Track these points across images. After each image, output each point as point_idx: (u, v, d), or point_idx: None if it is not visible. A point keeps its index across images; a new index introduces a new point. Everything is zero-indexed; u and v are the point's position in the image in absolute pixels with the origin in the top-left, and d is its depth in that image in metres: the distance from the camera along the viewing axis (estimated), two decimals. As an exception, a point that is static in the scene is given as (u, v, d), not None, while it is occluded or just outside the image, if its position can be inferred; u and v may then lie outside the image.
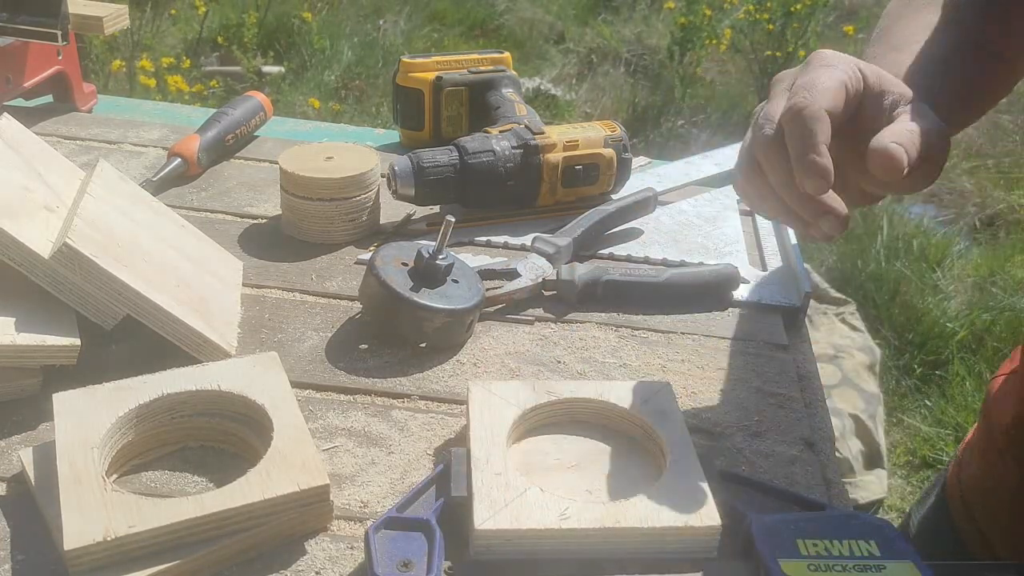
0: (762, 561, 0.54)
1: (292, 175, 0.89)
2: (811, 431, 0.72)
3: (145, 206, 0.82)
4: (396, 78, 1.10)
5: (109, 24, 1.13)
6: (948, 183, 3.76)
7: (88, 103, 1.19)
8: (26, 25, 1.04)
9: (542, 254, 0.87)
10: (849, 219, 0.57)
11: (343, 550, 0.58)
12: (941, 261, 3.06)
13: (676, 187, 1.08)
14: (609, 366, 0.77)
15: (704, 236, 0.98)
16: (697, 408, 0.73)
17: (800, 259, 0.91)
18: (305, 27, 4.30)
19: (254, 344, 0.77)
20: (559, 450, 0.64)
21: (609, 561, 0.56)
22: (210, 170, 1.05)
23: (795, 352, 0.82)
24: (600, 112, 4.06)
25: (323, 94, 3.89)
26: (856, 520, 0.57)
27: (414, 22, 4.77)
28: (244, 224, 0.95)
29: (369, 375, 0.74)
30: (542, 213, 0.98)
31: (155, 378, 0.64)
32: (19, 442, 0.64)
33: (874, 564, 0.54)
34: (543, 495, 0.57)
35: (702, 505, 0.56)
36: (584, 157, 0.97)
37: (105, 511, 0.54)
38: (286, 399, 0.63)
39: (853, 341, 2.49)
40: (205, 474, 0.63)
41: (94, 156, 1.05)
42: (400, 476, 0.64)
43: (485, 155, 0.94)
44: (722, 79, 4.53)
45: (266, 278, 0.86)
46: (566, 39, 4.86)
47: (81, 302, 0.68)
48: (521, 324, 0.82)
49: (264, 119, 1.14)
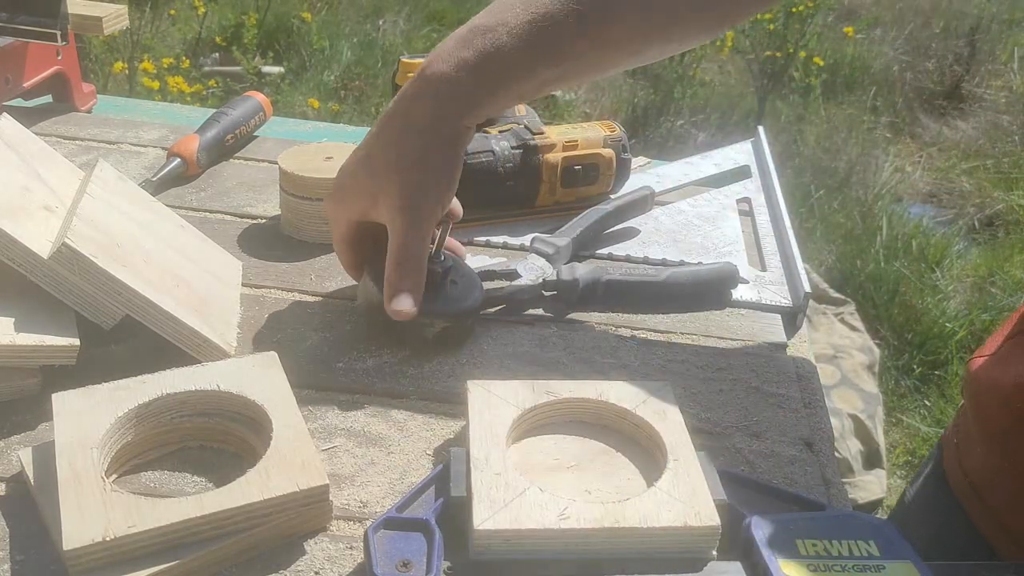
0: (761, 561, 0.54)
1: (291, 175, 0.89)
2: (810, 431, 0.72)
3: (144, 206, 0.82)
4: (395, 78, 1.10)
5: (108, 24, 1.13)
6: (947, 183, 3.76)
7: (87, 103, 1.19)
8: (25, 25, 1.04)
9: (541, 254, 0.87)
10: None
11: (342, 550, 0.58)
12: (940, 261, 3.07)
13: (675, 187, 1.08)
14: (608, 366, 0.77)
15: (703, 236, 0.98)
16: (696, 408, 0.73)
17: (799, 259, 0.91)
18: (304, 27, 4.30)
19: (253, 344, 0.77)
20: (558, 450, 0.64)
21: (609, 561, 0.56)
22: (209, 170, 1.05)
23: (794, 352, 0.82)
24: (599, 112, 4.07)
25: (322, 94, 3.90)
26: (855, 520, 0.57)
27: (413, 22, 4.78)
28: (243, 224, 0.95)
29: (368, 375, 0.74)
30: (541, 213, 0.98)
31: (154, 378, 0.64)
32: (18, 442, 0.64)
33: (873, 564, 0.54)
34: (542, 495, 0.57)
35: (701, 505, 0.56)
36: (583, 157, 0.97)
37: (104, 511, 0.54)
38: (285, 399, 0.63)
39: (852, 341, 2.50)
40: (204, 474, 0.63)
41: (93, 156, 1.05)
42: (399, 476, 0.64)
43: (484, 155, 0.94)
44: (721, 79, 4.53)
45: (265, 278, 0.86)
46: (566, 39, 4.85)
47: (80, 302, 0.68)
48: (520, 324, 0.82)
49: (263, 119, 1.14)
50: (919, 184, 3.74)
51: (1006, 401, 0.77)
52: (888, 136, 4.12)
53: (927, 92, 4.57)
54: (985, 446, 0.80)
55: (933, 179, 3.81)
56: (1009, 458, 0.78)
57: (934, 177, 3.83)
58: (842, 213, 3.33)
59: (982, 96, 4.53)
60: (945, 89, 4.58)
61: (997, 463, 0.79)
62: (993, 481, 0.80)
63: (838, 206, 3.37)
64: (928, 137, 4.19)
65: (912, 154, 4.00)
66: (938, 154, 4.02)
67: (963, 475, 0.83)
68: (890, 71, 4.68)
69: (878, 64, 4.70)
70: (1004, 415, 0.78)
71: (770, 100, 4.11)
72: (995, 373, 0.79)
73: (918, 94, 4.55)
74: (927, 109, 4.45)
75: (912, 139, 4.18)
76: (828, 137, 3.90)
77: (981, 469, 0.81)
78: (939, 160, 3.97)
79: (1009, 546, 0.78)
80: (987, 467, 0.81)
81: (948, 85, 4.59)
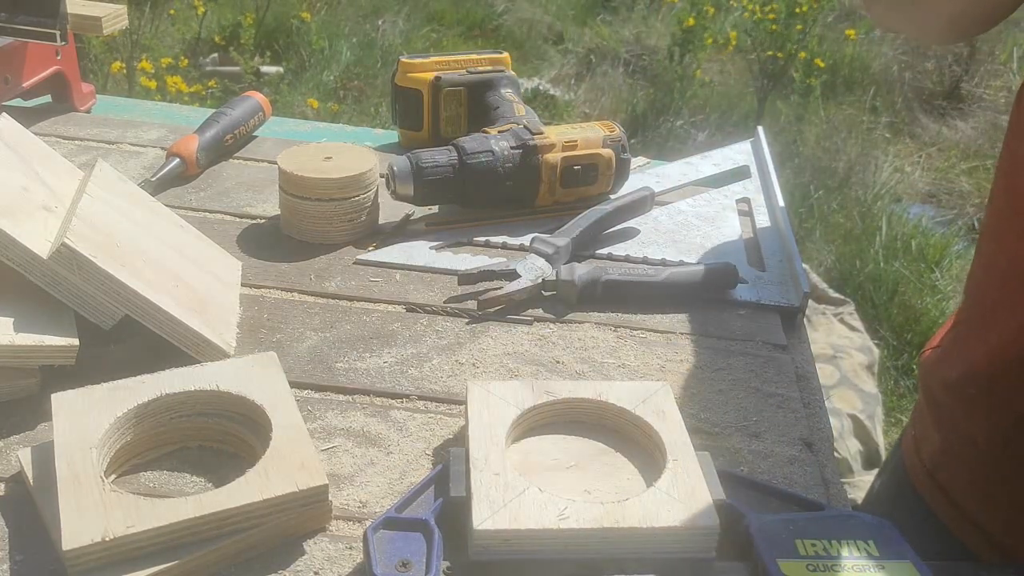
0: (761, 561, 0.54)
1: (291, 175, 0.89)
2: (810, 431, 0.72)
3: (144, 206, 0.82)
4: (395, 78, 1.10)
5: (108, 24, 1.13)
6: (947, 183, 3.76)
7: (87, 103, 1.19)
8: (25, 25, 1.04)
9: (541, 254, 0.87)
10: None
11: (342, 550, 0.58)
12: (939, 261, 3.07)
13: (675, 187, 1.08)
14: (608, 366, 0.77)
15: (703, 236, 0.98)
16: (696, 408, 0.73)
17: (799, 259, 0.91)
18: (304, 27, 4.30)
19: (253, 344, 0.77)
20: (558, 450, 0.64)
21: (608, 561, 0.55)
22: (209, 170, 1.05)
23: (793, 352, 0.82)
24: (599, 112, 4.07)
25: (322, 94, 3.89)
26: (855, 520, 0.57)
27: (413, 22, 4.77)
28: (243, 224, 0.95)
29: (368, 375, 0.74)
30: (541, 213, 0.98)
31: (153, 378, 0.64)
32: (18, 442, 0.64)
33: (873, 564, 0.54)
34: (542, 495, 0.57)
35: (701, 505, 0.56)
36: (583, 157, 0.97)
37: (104, 511, 0.54)
38: (285, 399, 0.63)
39: (851, 341, 2.50)
40: (204, 474, 0.63)
41: (93, 156, 1.05)
42: (399, 476, 0.64)
43: (484, 155, 0.94)
44: (721, 79, 4.53)
45: (265, 278, 0.86)
46: (565, 39, 4.86)
47: (80, 302, 0.68)
48: (520, 324, 0.82)
49: (263, 119, 1.14)
50: (919, 184, 3.74)
51: (953, 390, 0.79)
52: (887, 136, 4.12)
53: (926, 92, 4.57)
54: (939, 434, 0.82)
55: (932, 179, 3.81)
56: (960, 444, 0.80)
57: (933, 177, 3.83)
58: (841, 213, 3.33)
59: (981, 96, 4.53)
60: (944, 89, 4.57)
61: (950, 450, 0.81)
62: (948, 467, 0.82)
63: (837, 206, 3.37)
64: (927, 137, 4.19)
65: (911, 154, 4.00)
66: (937, 154, 4.02)
67: (921, 464, 0.85)
68: (889, 71, 4.67)
69: (877, 64, 4.70)
70: (953, 403, 0.80)
71: (770, 100, 4.11)
72: (943, 364, 0.82)
73: (917, 94, 4.54)
74: (926, 109, 4.45)
75: (911, 139, 4.18)
76: (828, 137, 3.90)
77: (937, 456, 0.83)
78: (938, 160, 3.97)
79: (966, 527, 0.80)
80: (942, 454, 0.83)
81: (947, 85, 4.59)
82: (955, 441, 0.81)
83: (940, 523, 0.82)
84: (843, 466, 2.14)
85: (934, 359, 0.84)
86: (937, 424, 0.83)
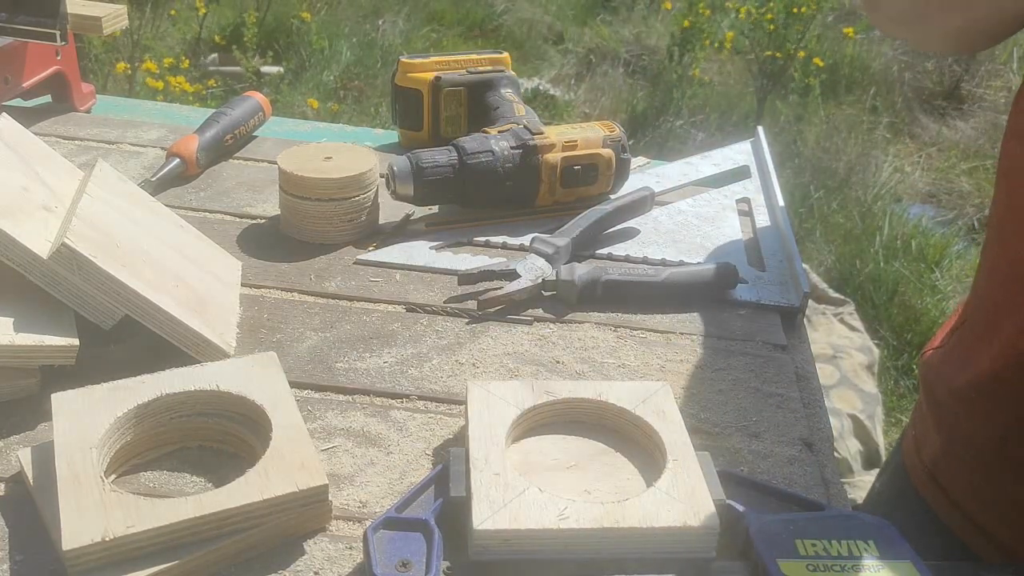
0: (761, 561, 0.54)
1: (291, 175, 0.89)
2: (809, 431, 0.72)
3: (144, 206, 0.82)
4: (395, 78, 1.10)
5: (108, 24, 1.13)
6: (947, 183, 3.76)
7: (87, 103, 1.19)
8: (25, 25, 1.04)
9: (541, 254, 0.87)
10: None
11: (342, 550, 0.58)
12: (939, 261, 3.07)
13: (675, 187, 1.08)
14: (608, 366, 0.77)
15: (703, 236, 0.98)
16: (696, 408, 0.73)
17: (799, 259, 0.91)
18: (304, 27, 4.30)
19: (253, 344, 0.77)
20: (558, 450, 0.64)
21: (608, 561, 0.56)
22: (209, 170, 1.05)
23: (793, 352, 0.82)
24: (599, 112, 4.07)
25: (322, 94, 3.89)
26: (855, 520, 0.57)
27: (413, 22, 4.78)
28: (243, 224, 0.95)
29: (368, 375, 0.74)
30: (541, 213, 0.98)
31: (153, 378, 0.64)
32: (17, 442, 0.64)
33: (873, 564, 0.54)
34: (542, 495, 0.57)
35: (701, 505, 0.56)
36: (583, 157, 0.97)
37: (104, 511, 0.54)
38: (285, 399, 0.63)
39: (851, 341, 2.50)
40: (204, 474, 0.63)
41: (93, 156, 1.05)
42: (399, 476, 0.64)
43: (484, 155, 0.94)
44: (721, 79, 4.53)
45: (265, 278, 0.86)
46: (565, 39, 4.86)
47: (80, 302, 0.68)
48: (520, 324, 0.82)
49: (263, 119, 1.14)
50: (919, 184, 3.74)
51: (955, 392, 0.79)
52: (887, 136, 4.11)
53: (926, 92, 4.57)
54: (940, 435, 0.82)
55: (932, 179, 3.81)
56: (962, 446, 0.80)
57: (933, 177, 3.83)
58: (841, 213, 3.33)
59: (981, 96, 4.53)
60: (944, 89, 4.57)
61: (951, 450, 0.81)
62: (949, 468, 0.82)
63: (837, 206, 3.37)
64: (927, 137, 4.19)
65: (912, 154, 4.00)
66: (937, 154, 4.02)
67: (922, 464, 0.85)
68: (889, 71, 4.67)
69: (877, 64, 4.70)
70: (954, 404, 0.80)
71: (770, 100, 4.11)
72: (945, 367, 0.82)
73: (917, 94, 4.54)
74: (926, 109, 4.45)
75: (911, 139, 4.18)
76: (828, 137, 3.90)
77: (937, 457, 0.83)
78: (938, 160, 3.97)
79: (966, 527, 0.80)
80: (943, 455, 0.82)
81: (947, 85, 4.59)
82: (956, 442, 0.81)
83: (941, 524, 0.82)
84: (843, 466, 2.15)
85: (935, 360, 0.84)
86: (938, 425, 0.83)
